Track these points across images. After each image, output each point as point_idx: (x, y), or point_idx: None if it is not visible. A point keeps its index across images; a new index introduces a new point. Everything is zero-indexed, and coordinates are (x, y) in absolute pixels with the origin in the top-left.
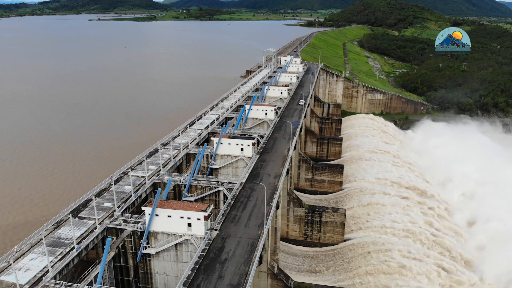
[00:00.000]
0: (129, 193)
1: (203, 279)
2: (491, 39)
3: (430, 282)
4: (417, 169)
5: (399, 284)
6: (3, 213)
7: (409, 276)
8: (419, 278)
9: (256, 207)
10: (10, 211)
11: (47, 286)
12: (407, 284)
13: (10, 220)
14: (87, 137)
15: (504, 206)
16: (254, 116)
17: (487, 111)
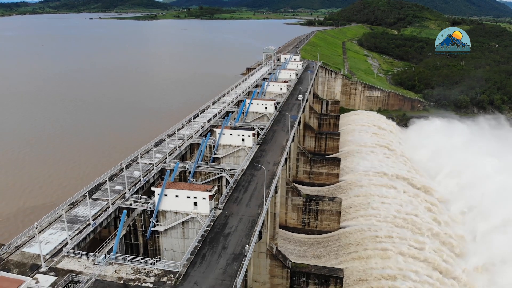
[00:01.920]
0: (138, 178)
1: (208, 249)
2: (489, 38)
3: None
4: (412, 163)
5: (391, 266)
6: (24, 196)
7: (400, 260)
8: (410, 260)
9: (256, 190)
10: (30, 194)
11: (67, 256)
12: (398, 267)
13: (30, 202)
14: (97, 130)
15: (493, 197)
16: (254, 110)
17: (482, 108)
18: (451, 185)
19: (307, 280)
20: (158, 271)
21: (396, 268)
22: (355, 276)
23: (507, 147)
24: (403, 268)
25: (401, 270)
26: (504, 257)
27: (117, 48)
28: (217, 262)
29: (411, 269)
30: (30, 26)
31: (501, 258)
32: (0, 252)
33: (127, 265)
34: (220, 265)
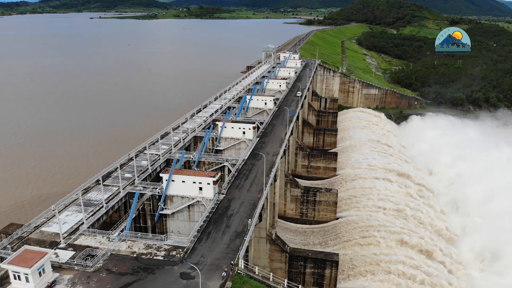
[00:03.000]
0: (146, 167)
1: (213, 228)
2: (487, 38)
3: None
4: (407, 158)
5: (384, 253)
6: (39, 184)
7: (393, 247)
8: (402, 247)
9: (256, 178)
10: (46, 183)
11: (83, 234)
12: (391, 253)
13: (46, 190)
14: (106, 124)
15: (484, 190)
16: (254, 106)
17: (478, 106)
18: (445, 178)
19: (305, 264)
20: (167, 246)
21: (388, 254)
22: (351, 261)
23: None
24: (395, 254)
25: (393, 256)
26: (494, 245)
27: (119, 47)
28: (221, 238)
29: (403, 254)
30: (31, 26)
31: (491, 245)
32: (21, 231)
33: (139, 241)
34: (224, 241)
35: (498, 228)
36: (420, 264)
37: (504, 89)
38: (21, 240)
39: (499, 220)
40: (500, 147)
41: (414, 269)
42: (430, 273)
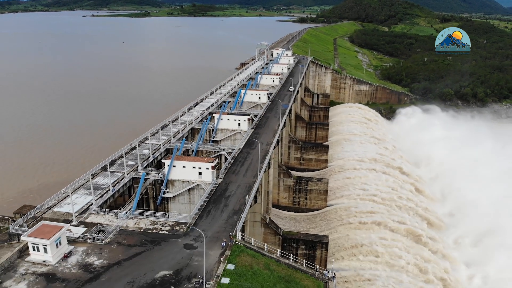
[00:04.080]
0: (148, 155)
1: (212, 207)
2: (478, 35)
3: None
4: (396, 150)
5: (371, 236)
6: (47, 173)
7: (381, 231)
8: (388, 232)
9: (251, 164)
10: (53, 171)
11: (93, 213)
12: (377, 236)
13: (54, 177)
14: (106, 119)
15: (471, 181)
16: (249, 100)
17: (466, 101)
18: (432, 168)
19: (297, 246)
20: (171, 223)
21: (375, 238)
22: (340, 244)
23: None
24: (382, 238)
25: (379, 239)
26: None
27: (114, 44)
28: (220, 215)
29: (389, 238)
30: (24, 24)
31: (475, 231)
32: (34, 211)
33: (145, 218)
34: (223, 217)
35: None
36: (405, 246)
37: (492, 85)
38: (35, 219)
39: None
40: (485, 140)
41: (399, 250)
42: (415, 254)
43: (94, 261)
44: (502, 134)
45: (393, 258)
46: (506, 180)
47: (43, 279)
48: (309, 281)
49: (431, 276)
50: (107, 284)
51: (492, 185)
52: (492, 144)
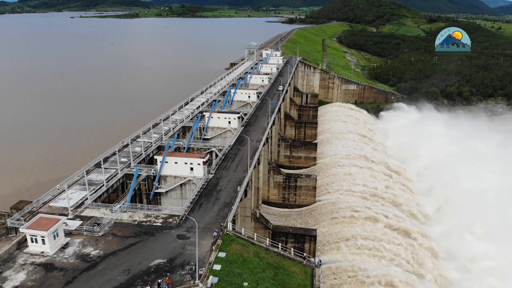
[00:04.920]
0: (140, 152)
1: (204, 200)
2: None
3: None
4: (383, 147)
5: (358, 230)
6: (40, 171)
7: (368, 225)
8: (375, 226)
9: (242, 160)
10: (45, 169)
11: (88, 207)
12: (364, 230)
13: (46, 175)
14: (97, 117)
15: (455, 177)
16: (238, 99)
17: (452, 100)
18: (418, 165)
19: (286, 239)
20: (164, 215)
21: (362, 231)
22: (328, 238)
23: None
24: (369, 231)
25: (366, 232)
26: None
27: (103, 45)
28: (211, 208)
29: (376, 231)
30: (11, 26)
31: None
32: (31, 206)
33: (139, 212)
34: (214, 210)
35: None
36: (392, 239)
37: (477, 84)
38: (32, 213)
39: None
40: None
41: (385, 243)
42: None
43: (91, 252)
44: (487, 131)
45: (380, 251)
46: (491, 175)
47: (42, 268)
48: (296, 268)
49: (418, 268)
50: (104, 272)
51: (476, 179)
52: (477, 141)
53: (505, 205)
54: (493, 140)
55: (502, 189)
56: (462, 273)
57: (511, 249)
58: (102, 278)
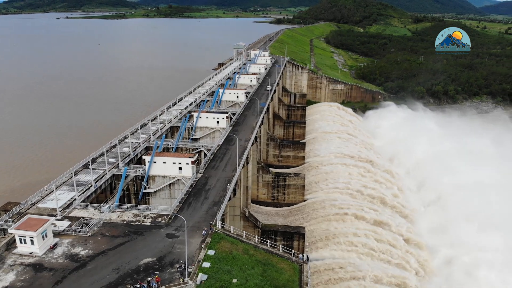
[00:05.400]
0: (128, 153)
1: (193, 199)
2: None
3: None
4: (370, 146)
5: (346, 227)
6: (26, 172)
7: (355, 223)
8: (362, 223)
9: (230, 160)
10: (36, 169)
11: (76, 208)
12: (352, 227)
13: (33, 177)
14: (85, 119)
15: (441, 173)
16: (227, 99)
17: (438, 98)
18: (404, 163)
19: (275, 237)
20: (153, 215)
21: (350, 228)
22: (316, 235)
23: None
24: (356, 228)
25: (354, 229)
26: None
27: (90, 46)
28: (200, 207)
29: (363, 228)
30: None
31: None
32: (19, 208)
33: (128, 212)
34: (203, 209)
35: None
36: (379, 236)
37: (462, 82)
38: (20, 215)
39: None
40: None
41: (372, 240)
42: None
43: (80, 252)
44: (471, 129)
45: (368, 248)
46: (475, 171)
47: (31, 269)
48: (285, 264)
49: (404, 263)
50: (93, 272)
51: (462, 176)
52: (463, 138)
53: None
54: (484, 137)
55: (493, 184)
56: (450, 266)
57: (502, 242)
58: (92, 277)
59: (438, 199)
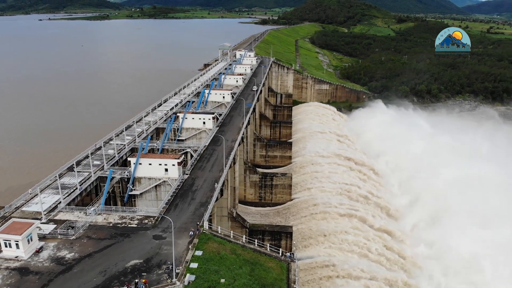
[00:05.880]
0: (113, 155)
1: (180, 201)
2: (432, 34)
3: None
4: (355, 145)
5: (332, 224)
6: (18, 174)
7: (342, 221)
8: (347, 220)
9: (217, 160)
10: (20, 172)
11: (61, 211)
12: (338, 225)
13: (23, 177)
14: (69, 121)
15: (426, 171)
16: (213, 100)
17: (421, 97)
18: (388, 162)
19: (263, 237)
20: (140, 217)
21: (337, 227)
22: (304, 234)
23: None
24: (343, 226)
25: (340, 227)
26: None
27: (73, 48)
28: (187, 208)
29: (349, 226)
30: None
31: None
32: (3, 211)
33: (114, 214)
34: (190, 210)
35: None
36: (365, 234)
37: (445, 81)
38: (4, 219)
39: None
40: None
41: (359, 237)
42: (375, 241)
43: (66, 255)
44: (454, 126)
45: (354, 246)
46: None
47: (17, 273)
48: (273, 263)
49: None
50: (80, 275)
51: (444, 172)
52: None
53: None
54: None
55: (484, 179)
56: (435, 262)
57: (487, 237)
58: (78, 280)
59: (423, 196)
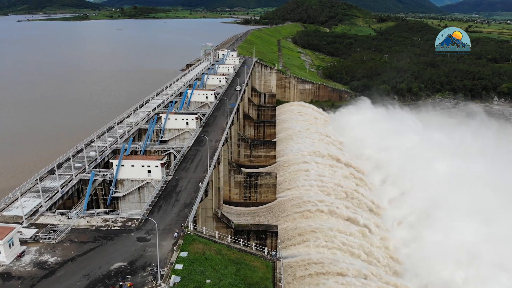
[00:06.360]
0: (95, 157)
1: (163, 202)
2: (412, 33)
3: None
4: (338, 143)
5: (317, 222)
6: None
7: (326, 219)
8: (332, 218)
9: (201, 161)
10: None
11: (43, 215)
12: (323, 223)
13: (5, 181)
14: (48, 123)
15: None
16: (196, 100)
17: (402, 96)
18: (371, 160)
19: (248, 237)
20: (123, 219)
21: (322, 225)
22: (289, 233)
23: None
24: (327, 225)
25: (325, 225)
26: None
27: (52, 49)
28: (171, 210)
29: (333, 224)
30: None
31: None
32: None
33: (96, 217)
34: (174, 211)
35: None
36: (350, 232)
37: (425, 80)
38: None
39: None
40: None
41: (344, 235)
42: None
43: (48, 259)
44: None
45: (339, 243)
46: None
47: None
48: (258, 262)
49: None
50: (63, 279)
51: (425, 170)
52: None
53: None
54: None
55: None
56: (419, 260)
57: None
58: (61, 284)
59: (409, 193)
